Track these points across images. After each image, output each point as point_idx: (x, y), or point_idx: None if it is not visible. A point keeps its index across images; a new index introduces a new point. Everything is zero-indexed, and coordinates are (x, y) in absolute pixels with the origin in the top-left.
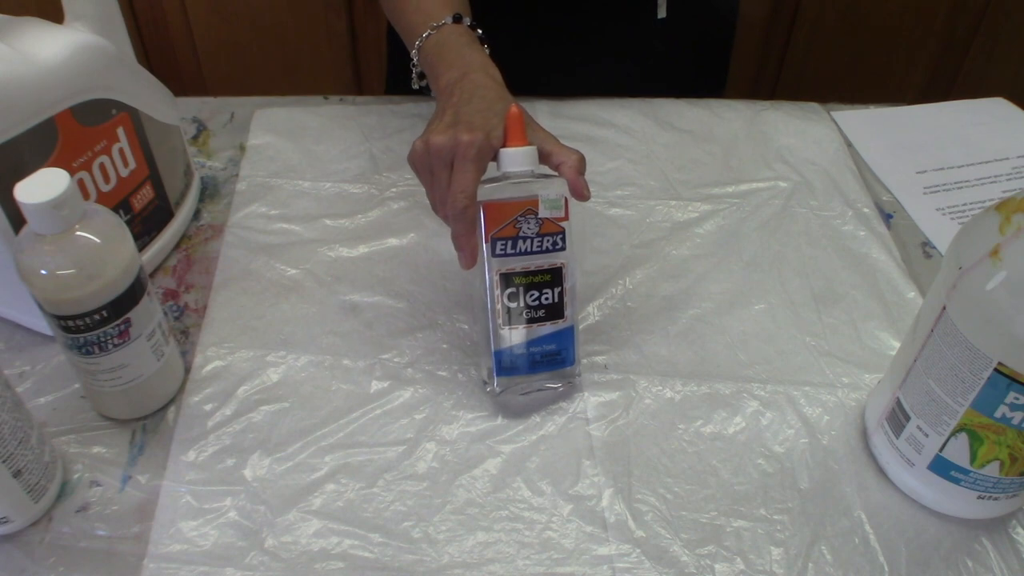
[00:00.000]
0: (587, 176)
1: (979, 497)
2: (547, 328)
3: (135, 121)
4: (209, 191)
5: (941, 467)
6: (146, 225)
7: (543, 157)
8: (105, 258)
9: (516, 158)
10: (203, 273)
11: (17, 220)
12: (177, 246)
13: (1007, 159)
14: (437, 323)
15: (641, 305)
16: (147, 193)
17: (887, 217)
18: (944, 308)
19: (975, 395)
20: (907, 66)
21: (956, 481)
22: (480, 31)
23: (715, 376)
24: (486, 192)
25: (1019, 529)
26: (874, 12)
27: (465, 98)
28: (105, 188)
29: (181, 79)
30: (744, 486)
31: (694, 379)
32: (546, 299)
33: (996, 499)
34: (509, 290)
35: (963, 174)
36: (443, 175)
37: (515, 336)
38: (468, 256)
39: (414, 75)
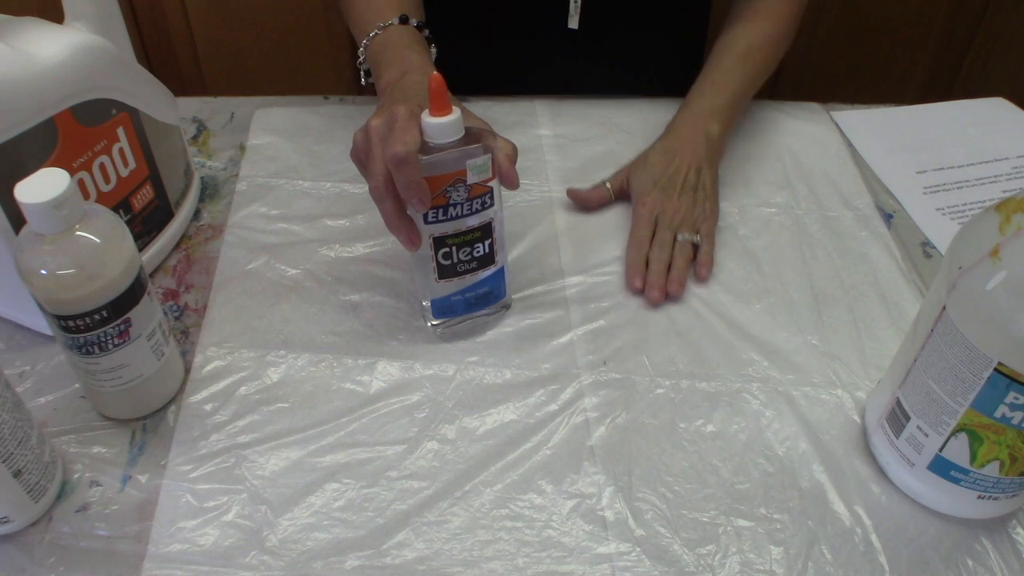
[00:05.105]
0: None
1: (979, 497)
2: (480, 275)
3: (135, 121)
4: (209, 191)
5: (941, 467)
6: (146, 225)
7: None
8: (105, 258)
9: (441, 129)
10: (203, 273)
11: (17, 220)
12: (177, 246)
13: (1007, 159)
14: None
15: (641, 305)
16: (147, 193)
17: (887, 217)
18: (944, 308)
19: (975, 395)
20: (907, 66)
21: (956, 481)
22: (427, 32)
23: (715, 376)
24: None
25: (1019, 529)
26: (874, 12)
27: (399, 94)
28: (105, 188)
29: (181, 79)
30: (744, 485)
31: (694, 379)
32: (478, 252)
33: (996, 499)
34: (443, 250)
35: (963, 174)
36: (379, 149)
37: (450, 287)
38: (406, 240)
39: (361, 73)
